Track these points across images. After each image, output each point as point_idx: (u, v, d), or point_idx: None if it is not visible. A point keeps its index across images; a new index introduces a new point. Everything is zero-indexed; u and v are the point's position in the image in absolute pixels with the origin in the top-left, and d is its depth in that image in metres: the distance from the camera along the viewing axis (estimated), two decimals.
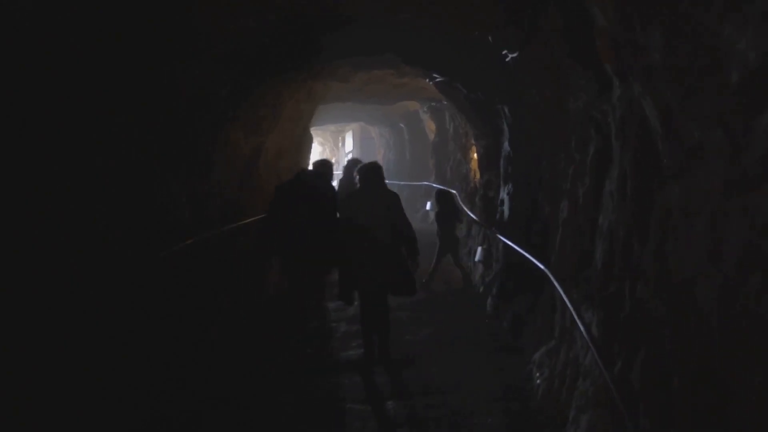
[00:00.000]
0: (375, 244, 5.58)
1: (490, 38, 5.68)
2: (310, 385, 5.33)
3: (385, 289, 5.71)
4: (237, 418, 4.69)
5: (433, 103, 14.08)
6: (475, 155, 10.65)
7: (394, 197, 5.82)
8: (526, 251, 5.61)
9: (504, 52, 5.70)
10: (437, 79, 8.81)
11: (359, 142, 25.51)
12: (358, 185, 5.91)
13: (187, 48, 5.15)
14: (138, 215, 4.99)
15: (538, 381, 5.02)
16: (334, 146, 29.77)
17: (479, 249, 9.01)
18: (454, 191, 10.89)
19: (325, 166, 7.19)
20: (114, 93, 4.49)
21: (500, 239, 6.83)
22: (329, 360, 6.01)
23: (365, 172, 5.88)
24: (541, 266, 5.06)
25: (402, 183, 17.41)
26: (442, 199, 9.57)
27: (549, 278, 4.81)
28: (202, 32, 5.07)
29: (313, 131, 15.92)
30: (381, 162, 10.11)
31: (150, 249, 5.00)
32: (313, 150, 14.89)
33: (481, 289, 8.24)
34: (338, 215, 6.02)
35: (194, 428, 4.51)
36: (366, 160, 8.12)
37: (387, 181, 6.38)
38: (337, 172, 13.79)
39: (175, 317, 5.44)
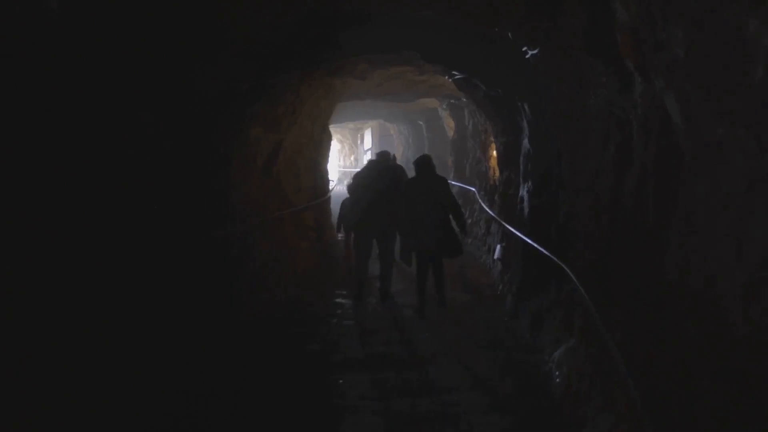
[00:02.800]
0: (430, 218, 7.02)
1: (510, 35, 5.64)
2: (328, 382, 5.35)
3: (439, 251, 7.17)
4: (254, 411, 4.72)
5: (452, 100, 14.04)
6: (495, 153, 10.60)
7: (444, 181, 7.42)
8: (546, 249, 5.58)
9: (524, 48, 5.66)
10: (456, 76, 8.78)
11: (378, 139, 25.53)
12: (415, 172, 7.36)
13: (206, 45, 5.18)
14: (159, 211, 5.03)
15: (558, 380, 4.99)
16: (353, 144, 29.81)
17: (498, 247, 8.97)
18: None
19: (386, 157, 8.63)
20: (136, 89, 4.53)
21: (520, 237, 6.80)
22: (346, 358, 6.02)
23: (420, 163, 7.40)
24: (561, 264, 5.02)
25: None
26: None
27: (569, 276, 4.78)
28: (222, 29, 5.09)
29: (332, 129, 15.95)
30: (400, 159, 11.39)
31: (170, 244, 5.04)
32: (332, 148, 14.92)
33: (500, 287, 8.20)
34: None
35: (216, 422, 4.54)
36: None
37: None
38: (355, 170, 13.80)
39: (202, 310, 5.49)
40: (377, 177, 7.69)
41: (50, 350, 3.56)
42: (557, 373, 5.09)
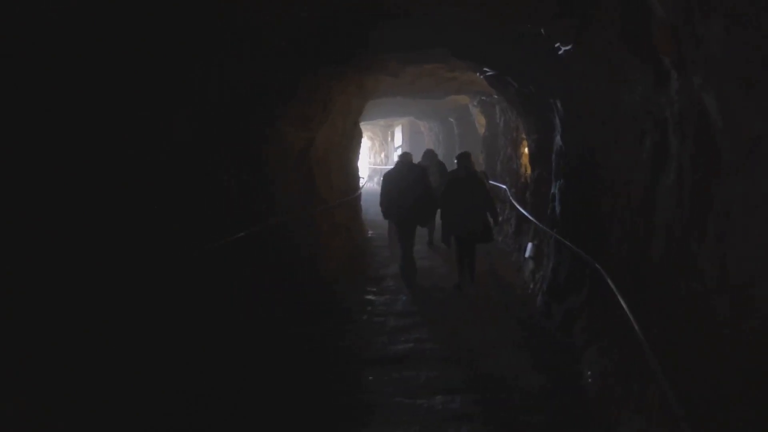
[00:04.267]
0: (467, 207, 8.05)
1: (542, 31, 5.59)
2: (359, 379, 5.37)
3: (473, 237, 8.15)
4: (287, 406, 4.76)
5: (483, 97, 13.96)
6: (526, 150, 10.51)
7: (482, 174, 8.97)
8: (578, 247, 5.53)
9: (556, 44, 5.60)
10: (488, 73, 8.72)
11: (408, 136, 25.49)
12: (456, 166, 8.48)
13: (239, 43, 5.24)
14: (194, 207, 5.10)
15: (590, 380, 4.93)
16: (383, 141, 29.82)
17: (529, 245, 8.90)
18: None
19: (409, 158, 9.35)
20: (173, 87, 4.60)
21: (551, 235, 6.74)
22: (376, 354, 6.03)
23: (460, 158, 8.51)
24: (594, 263, 4.97)
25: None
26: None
27: (602, 275, 4.72)
28: (254, 27, 5.14)
29: (363, 126, 15.99)
30: (420, 160, 11.55)
31: (204, 240, 5.11)
32: (362, 145, 14.96)
33: (531, 286, 8.14)
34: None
35: (245, 415, 4.59)
36: (415, 154, 10.05)
37: None
38: (385, 167, 13.81)
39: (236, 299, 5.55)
40: (403, 174, 8.77)
41: (90, 349, 3.64)
42: (589, 373, 5.04)
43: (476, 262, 8.49)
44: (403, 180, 8.59)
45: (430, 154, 10.63)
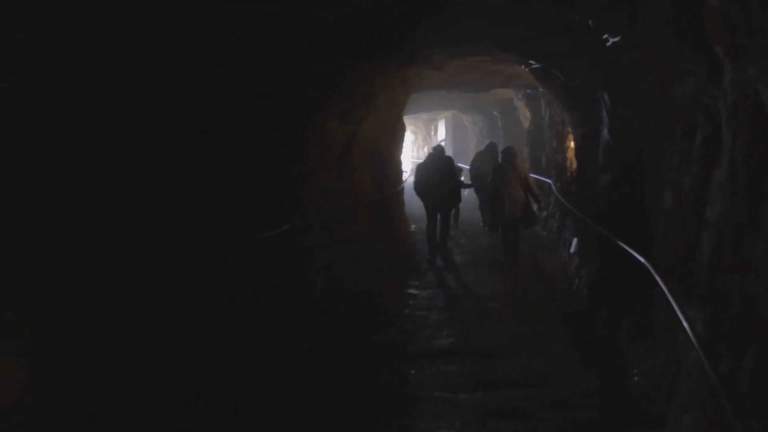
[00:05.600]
0: (512, 195, 9.17)
1: (590, 22, 5.48)
2: (401, 372, 5.38)
3: (517, 222, 9.30)
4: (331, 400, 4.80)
5: (528, 91, 13.81)
6: (572, 144, 10.35)
7: (525, 166, 9.94)
8: (625, 243, 5.42)
9: (604, 36, 5.49)
10: (533, 66, 8.62)
11: (452, 130, 25.37)
12: (502, 159, 9.81)
13: (284, 36, 5.27)
14: (243, 200, 5.19)
15: (636, 378, 4.84)
16: (426, 135, 29.74)
17: (575, 240, 8.78)
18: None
19: (441, 150, 10.48)
20: (222, 82, 4.66)
21: (598, 231, 6.62)
22: (418, 348, 6.03)
23: (505, 152, 9.75)
24: (642, 259, 4.86)
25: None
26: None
27: (649, 272, 4.62)
28: (299, 20, 5.16)
29: (406, 119, 15.96)
30: (473, 150, 13.71)
31: (254, 232, 5.19)
32: (405, 139, 14.93)
33: (576, 282, 8.02)
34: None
35: (288, 411, 4.65)
36: (459, 148, 11.91)
37: None
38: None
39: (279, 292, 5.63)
40: (435, 164, 9.93)
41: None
42: (635, 371, 4.94)
43: (521, 257, 9.43)
44: (432, 170, 9.79)
45: (439, 149, 10.86)
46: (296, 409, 4.63)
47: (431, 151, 10.60)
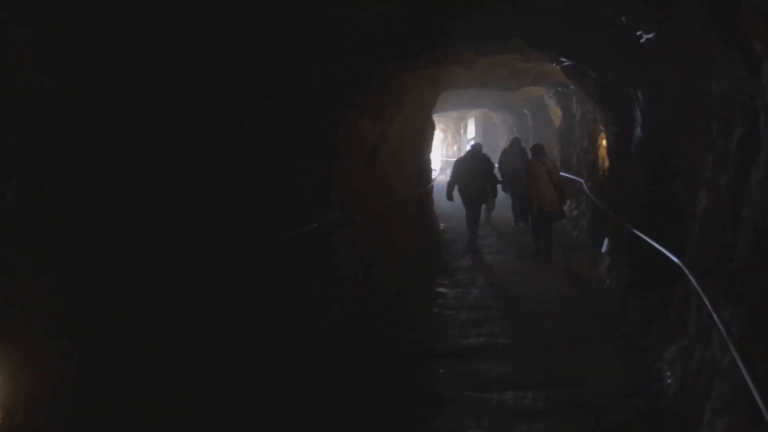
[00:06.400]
0: (541, 190, 9.55)
1: (623, 18, 5.40)
2: (430, 372, 5.38)
3: (548, 215, 9.70)
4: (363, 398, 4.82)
5: (559, 88, 13.68)
6: (604, 142, 10.22)
7: (553, 162, 10.33)
8: (658, 243, 5.34)
9: (638, 32, 5.41)
10: (565, 63, 8.53)
11: (481, 128, 25.23)
12: (531, 156, 10.22)
13: (312, 35, 5.28)
14: (272, 199, 5.23)
15: (669, 380, 4.77)
16: (456, 133, 29.62)
17: (606, 240, 8.68)
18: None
19: (479, 148, 11.43)
20: (252, 81, 4.70)
21: (630, 230, 6.53)
22: (447, 347, 6.01)
23: (534, 149, 10.16)
24: (675, 259, 4.79)
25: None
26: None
27: (683, 272, 4.54)
28: (328, 18, 5.17)
29: (436, 118, 15.91)
30: (503, 148, 13.84)
31: (283, 231, 5.23)
32: (435, 137, 14.90)
33: (608, 281, 7.92)
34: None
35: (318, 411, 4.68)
36: (488, 147, 12.24)
37: None
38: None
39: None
40: (472, 161, 10.78)
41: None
42: (669, 372, 4.87)
43: (552, 256, 9.62)
44: (471, 166, 10.59)
45: (477, 147, 11.65)
46: (328, 406, 4.65)
47: (470, 148, 11.61)
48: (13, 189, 3.23)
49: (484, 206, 11.28)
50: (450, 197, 11.10)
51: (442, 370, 5.40)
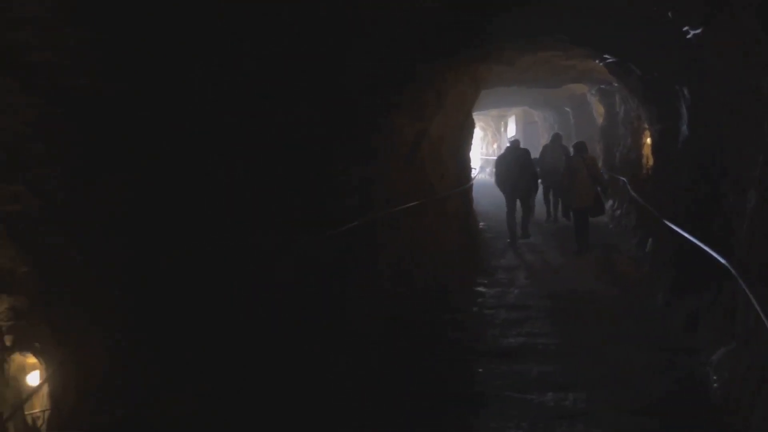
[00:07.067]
0: (582, 185, 9.90)
1: (669, 14, 5.29)
2: (470, 371, 5.35)
3: (587, 210, 10.01)
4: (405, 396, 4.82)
5: (602, 86, 13.47)
6: (648, 140, 10.04)
7: (593, 159, 10.63)
8: (704, 243, 5.21)
9: (684, 28, 5.29)
10: (608, 60, 8.39)
11: (522, 126, 24.99)
12: (573, 152, 10.62)
13: (353, 33, 5.29)
14: (317, 199, 5.27)
15: (716, 384, 4.66)
16: (495, 131, 29.40)
17: (650, 239, 8.52)
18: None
19: (517, 144, 11.89)
20: (294, 80, 4.74)
21: (675, 230, 6.40)
22: (487, 347, 5.98)
23: (576, 146, 10.60)
24: (722, 260, 4.67)
25: None
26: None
27: (731, 273, 4.43)
28: (368, 15, 5.17)
29: (475, 116, 15.80)
30: (548, 143, 13.91)
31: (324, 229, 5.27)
32: (474, 135, 14.81)
33: (652, 282, 7.77)
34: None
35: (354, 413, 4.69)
36: (529, 145, 12.50)
37: None
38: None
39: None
40: (514, 157, 11.13)
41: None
42: (715, 377, 4.75)
43: (592, 253, 9.79)
44: (512, 161, 11.01)
45: (516, 143, 12.02)
46: (368, 404, 4.66)
47: (509, 144, 12.07)
48: (60, 186, 3.33)
49: (519, 203, 11.30)
50: (500, 187, 11.43)
51: (481, 370, 5.37)
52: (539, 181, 11.59)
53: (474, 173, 14.66)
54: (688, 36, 5.27)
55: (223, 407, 3.91)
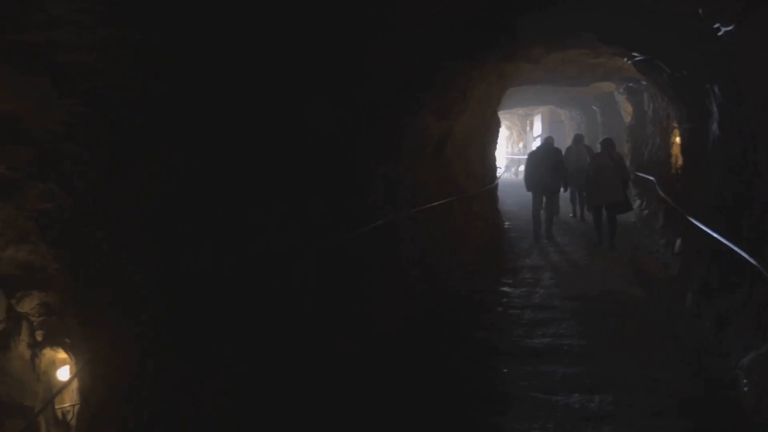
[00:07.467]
0: (608, 182, 9.95)
1: (699, 11, 5.20)
2: (494, 371, 5.33)
3: (613, 207, 10.08)
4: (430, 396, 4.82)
5: (630, 84, 13.29)
6: (678, 139, 9.88)
7: (620, 156, 10.81)
8: (734, 244, 5.12)
9: (716, 25, 5.20)
10: (637, 58, 8.29)
11: (548, 125, 24.79)
12: (600, 149, 10.67)
13: (379, 30, 5.28)
14: (340, 197, 5.29)
15: (746, 388, 4.57)
16: (521, 130, 29.19)
17: (679, 240, 8.40)
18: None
19: (551, 141, 12.01)
20: (319, 78, 4.75)
21: (705, 231, 6.30)
22: (513, 347, 5.94)
23: (604, 144, 10.62)
24: (754, 261, 4.58)
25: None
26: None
27: (762, 275, 4.35)
28: (395, 13, 5.16)
29: (501, 115, 15.76)
30: (567, 146, 13.90)
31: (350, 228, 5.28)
32: (500, 134, 14.75)
33: (680, 284, 7.65)
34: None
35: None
36: (555, 143, 12.03)
37: None
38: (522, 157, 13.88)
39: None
40: (545, 154, 11.22)
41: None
42: (746, 381, 4.66)
43: (620, 256, 9.49)
44: (543, 158, 11.06)
45: (549, 140, 12.20)
46: (394, 402, 4.67)
47: (542, 141, 12.31)
48: (91, 184, 3.38)
49: (545, 201, 11.34)
50: (529, 188, 11.45)
51: (506, 370, 5.34)
52: (566, 180, 11.55)
53: (499, 172, 14.60)
54: (720, 33, 5.19)
55: (248, 401, 3.94)
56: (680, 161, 9.57)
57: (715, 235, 5.79)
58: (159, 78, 3.43)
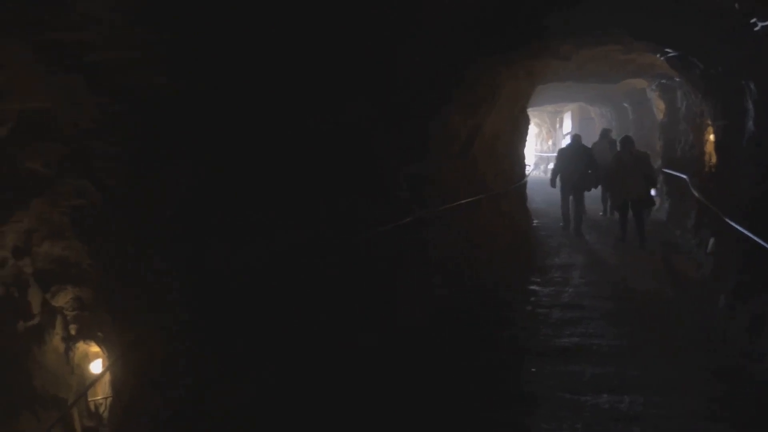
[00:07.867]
0: (632, 179, 10.05)
1: (735, 5, 5.10)
2: (522, 370, 5.29)
3: (638, 203, 10.17)
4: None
5: (663, 81, 13.06)
6: (712, 137, 9.69)
7: (645, 154, 10.76)
8: None
9: (752, 20, 5.09)
10: (669, 54, 8.15)
11: (578, 122, 24.51)
12: (620, 147, 10.73)
13: (406, 27, 5.28)
14: (372, 196, 5.30)
15: None
16: (551, 127, 28.90)
17: (711, 239, 8.24)
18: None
19: (579, 139, 12.25)
20: (348, 75, 4.76)
21: (739, 230, 6.17)
22: (541, 346, 5.89)
23: (623, 141, 10.67)
24: None
25: None
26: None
27: None
28: (423, 10, 5.15)
29: (530, 112, 15.61)
30: (597, 140, 14.12)
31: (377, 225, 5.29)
32: (529, 132, 14.62)
33: (713, 284, 7.51)
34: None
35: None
36: (585, 142, 12.29)
37: None
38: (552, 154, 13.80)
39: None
40: (574, 151, 11.52)
41: None
42: None
43: (651, 255, 9.43)
44: (574, 154, 11.32)
45: (577, 138, 12.37)
46: (420, 401, 4.66)
47: (570, 140, 12.59)
48: (122, 180, 3.43)
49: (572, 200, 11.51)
50: (553, 184, 11.72)
51: (534, 370, 5.30)
52: (598, 178, 11.57)
53: (528, 170, 14.50)
54: (756, 28, 5.08)
55: (276, 396, 3.97)
56: (714, 159, 9.39)
57: (749, 234, 5.68)
58: (191, 77, 3.47)
